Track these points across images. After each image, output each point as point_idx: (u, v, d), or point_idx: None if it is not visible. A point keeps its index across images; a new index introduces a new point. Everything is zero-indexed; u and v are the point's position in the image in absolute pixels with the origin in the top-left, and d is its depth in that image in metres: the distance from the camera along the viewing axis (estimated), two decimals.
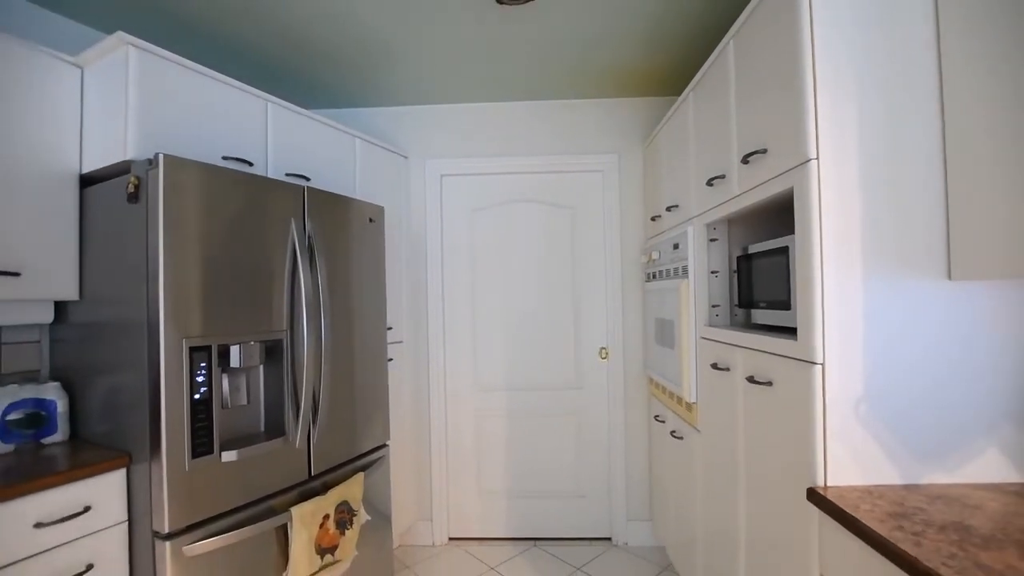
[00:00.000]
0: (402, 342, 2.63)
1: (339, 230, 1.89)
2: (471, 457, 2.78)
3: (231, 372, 1.55)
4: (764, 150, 1.29)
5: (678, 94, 2.64)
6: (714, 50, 1.65)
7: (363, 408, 1.98)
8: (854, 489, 1.06)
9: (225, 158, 1.70)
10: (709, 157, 1.70)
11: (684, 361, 1.89)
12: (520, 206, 2.79)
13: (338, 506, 1.72)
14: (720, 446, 1.64)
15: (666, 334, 2.12)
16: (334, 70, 2.35)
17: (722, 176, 1.56)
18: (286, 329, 1.64)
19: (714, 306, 1.78)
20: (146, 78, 1.49)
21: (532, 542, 2.72)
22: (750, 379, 1.37)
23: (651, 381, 2.55)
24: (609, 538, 2.73)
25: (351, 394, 1.92)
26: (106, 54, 1.51)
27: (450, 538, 2.78)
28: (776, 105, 1.24)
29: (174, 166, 1.35)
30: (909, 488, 1.06)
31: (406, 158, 2.78)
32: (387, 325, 2.19)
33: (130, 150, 1.45)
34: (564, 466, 2.75)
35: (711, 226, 1.78)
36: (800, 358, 1.15)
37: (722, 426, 1.62)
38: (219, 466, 1.42)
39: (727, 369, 1.56)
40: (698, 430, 1.85)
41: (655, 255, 2.31)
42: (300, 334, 1.66)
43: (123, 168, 1.48)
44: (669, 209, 2.16)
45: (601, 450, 2.73)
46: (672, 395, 2.15)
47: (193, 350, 1.37)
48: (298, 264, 1.66)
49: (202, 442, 1.38)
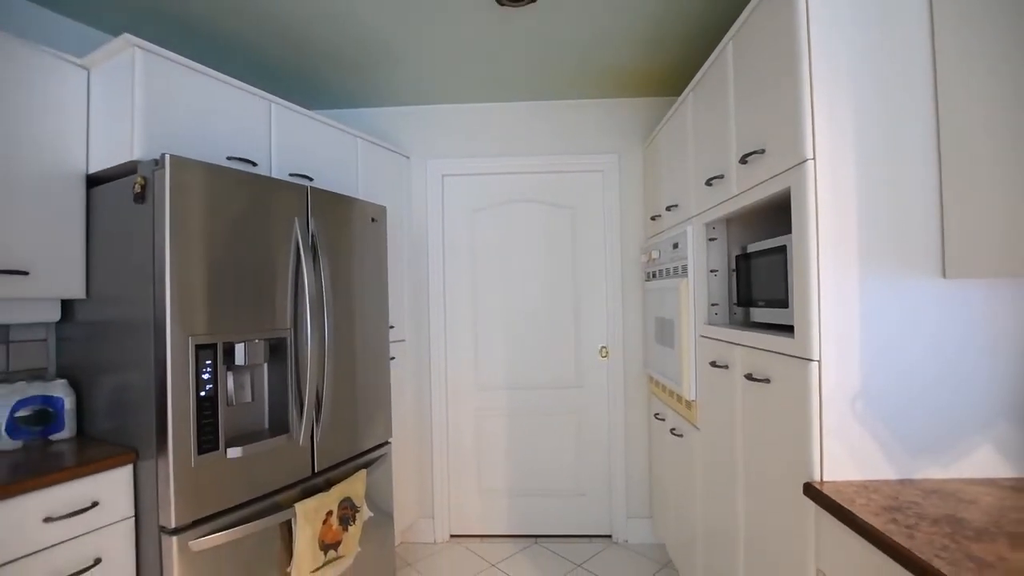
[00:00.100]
0: (404, 341, 2.64)
1: (342, 230, 1.91)
2: (472, 455, 2.80)
3: (236, 370, 1.57)
4: (762, 150, 1.30)
5: (678, 94, 2.65)
6: (714, 50, 1.66)
7: (365, 406, 2.00)
8: (850, 484, 1.07)
9: (230, 158, 1.72)
10: (708, 157, 1.72)
11: (684, 359, 1.91)
12: (521, 206, 2.81)
13: (341, 502, 1.74)
14: (719, 443, 1.65)
15: (666, 333, 2.14)
16: (335, 70, 2.36)
17: (721, 176, 1.58)
18: (290, 327, 1.66)
19: (713, 305, 1.80)
20: (152, 80, 1.51)
21: (533, 539, 2.74)
22: (748, 376, 1.38)
23: (651, 380, 2.57)
24: (609, 535, 2.74)
25: (353, 392, 1.94)
26: (112, 56, 1.53)
27: (451, 535, 2.80)
28: (774, 105, 1.25)
29: (180, 166, 1.37)
30: (904, 483, 1.07)
31: (408, 158, 2.79)
32: (389, 324, 2.21)
33: (136, 151, 1.46)
34: (564, 464, 2.76)
35: (710, 225, 1.80)
36: (797, 355, 1.16)
37: (721, 423, 1.63)
38: (224, 462, 1.44)
39: (726, 367, 1.57)
40: (697, 428, 1.86)
41: (655, 254, 2.33)
42: (304, 332, 1.68)
43: (129, 168, 1.50)
44: (669, 209, 2.18)
45: (601, 448, 2.75)
46: (672, 393, 2.17)
47: (199, 348, 1.39)
48: (302, 263, 1.68)
49: (208, 439, 1.40)
